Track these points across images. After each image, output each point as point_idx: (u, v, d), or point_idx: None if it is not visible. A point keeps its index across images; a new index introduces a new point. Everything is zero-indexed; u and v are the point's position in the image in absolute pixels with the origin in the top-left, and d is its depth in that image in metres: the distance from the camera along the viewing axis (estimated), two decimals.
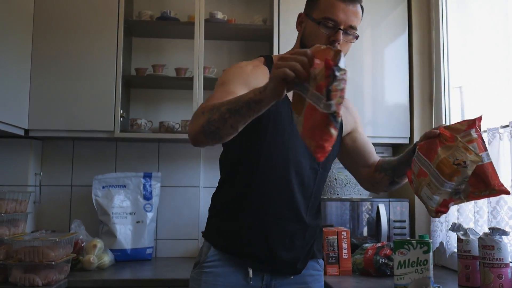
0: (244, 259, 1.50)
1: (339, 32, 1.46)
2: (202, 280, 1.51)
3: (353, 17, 1.48)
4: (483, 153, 1.32)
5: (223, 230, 1.52)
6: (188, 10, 2.73)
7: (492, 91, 2.20)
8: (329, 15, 1.46)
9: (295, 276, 1.55)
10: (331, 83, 1.02)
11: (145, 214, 2.65)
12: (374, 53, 2.69)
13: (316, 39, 1.46)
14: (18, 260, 1.97)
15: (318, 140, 1.03)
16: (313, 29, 1.49)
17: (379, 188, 1.64)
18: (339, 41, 1.46)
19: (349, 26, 1.47)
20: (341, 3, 1.46)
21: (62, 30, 2.53)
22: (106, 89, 2.52)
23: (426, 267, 1.56)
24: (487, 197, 1.39)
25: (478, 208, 2.04)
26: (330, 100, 1.01)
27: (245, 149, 1.51)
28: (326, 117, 1.01)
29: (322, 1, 1.49)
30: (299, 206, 1.51)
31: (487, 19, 2.26)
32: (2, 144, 2.60)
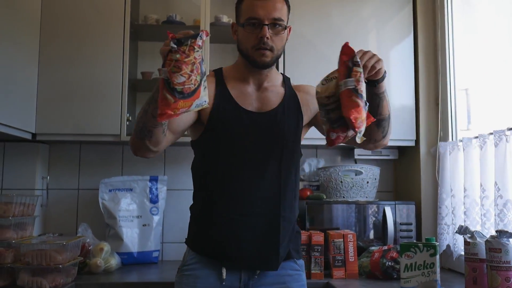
0: (218, 260, 1.56)
1: (264, 27, 1.52)
2: (183, 283, 1.59)
3: (273, 10, 1.53)
4: (342, 81, 1.32)
5: (198, 234, 1.61)
6: (194, 14, 2.75)
7: (498, 93, 2.20)
8: (251, 15, 1.53)
9: (272, 274, 1.58)
10: (167, 52, 1.18)
11: (151, 217, 2.66)
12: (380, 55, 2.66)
13: (247, 41, 1.55)
14: (25, 264, 1.98)
15: (161, 106, 1.19)
16: (243, 33, 1.57)
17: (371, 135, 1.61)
18: (265, 36, 1.52)
19: (273, 19, 1.53)
20: (258, 1, 1.53)
21: (68, 35, 2.54)
22: (112, 93, 2.53)
23: (433, 270, 1.56)
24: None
25: (485, 210, 2.03)
26: (164, 67, 1.18)
27: (205, 157, 1.62)
28: (162, 82, 1.17)
29: (243, 5, 1.57)
30: (265, 201, 1.56)
31: (493, 21, 2.26)
32: (9, 148, 2.62)
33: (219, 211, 1.56)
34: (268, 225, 1.56)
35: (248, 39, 1.55)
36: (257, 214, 1.55)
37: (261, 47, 1.53)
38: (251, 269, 1.57)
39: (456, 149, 2.34)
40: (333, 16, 2.68)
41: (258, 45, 1.53)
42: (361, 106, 1.28)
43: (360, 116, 1.29)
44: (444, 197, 2.41)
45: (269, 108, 1.62)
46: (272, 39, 1.53)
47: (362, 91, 1.29)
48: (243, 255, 1.55)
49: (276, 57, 1.59)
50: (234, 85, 1.63)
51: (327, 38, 2.65)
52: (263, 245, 1.55)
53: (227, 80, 1.64)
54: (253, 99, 1.62)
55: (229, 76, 1.65)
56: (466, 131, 2.43)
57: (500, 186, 1.90)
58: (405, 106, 2.67)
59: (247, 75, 1.63)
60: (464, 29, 2.50)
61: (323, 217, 2.53)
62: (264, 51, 1.54)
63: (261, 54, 1.55)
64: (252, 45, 1.54)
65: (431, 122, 2.65)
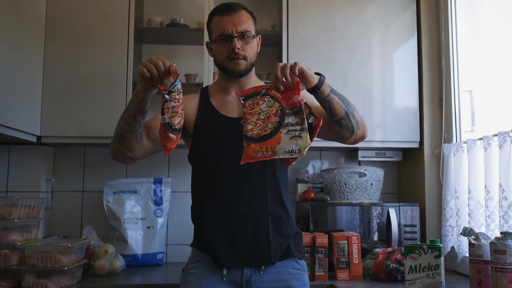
0: (218, 258, 1.65)
1: (234, 39, 1.66)
2: (188, 281, 1.69)
3: (239, 23, 1.67)
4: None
5: (199, 235, 1.72)
6: (198, 16, 2.75)
7: (502, 94, 2.19)
8: (220, 32, 1.68)
9: (273, 271, 1.66)
10: (163, 103, 1.40)
11: (155, 219, 2.66)
12: (383, 57, 2.69)
13: (220, 54, 1.70)
14: (30, 266, 1.99)
15: (162, 141, 1.43)
16: (216, 48, 1.72)
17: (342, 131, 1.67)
18: (236, 47, 1.65)
19: (240, 32, 1.67)
20: (223, 17, 1.68)
21: (73, 38, 2.56)
22: (116, 95, 2.54)
23: (438, 272, 1.55)
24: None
25: (490, 212, 2.03)
26: (163, 115, 1.39)
27: (196, 165, 1.77)
28: (164, 126, 1.40)
29: (212, 25, 1.72)
30: (252, 200, 1.66)
31: (496, 22, 2.25)
32: (14, 150, 2.63)
33: (210, 212, 1.68)
34: (257, 222, 1.65)
35: (221, 52, 1.69)
36: (245, 213, 1.65)
37: (234, 58, 1.67)
38: (246, 266, 1.65)
39: (460, 151, 2.33)
40: (336, 18, 2.68)
41: (231, 55, 1.67)
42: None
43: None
44: (449, 199, 2.40)
45: None
46: (243, 49, 1.67)
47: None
48: (237, 252, 1.64)
49: (250, 64, 1.72)
50: (216, 97, 1.78)
51: (331, 40, 2.66)
52: (255, 241, 1.64)
53: (210, 94, 1.80)
54: (234, 106, 1.75)
55: (212, 90, 1.81)
56: (470, 132, 2.42)
57: (504, 188, 1.90)
58: (409, 108, 2.66)
59: (227, 86, 1.77)
60: (468, 31, 2.50)
61: (327, 219, 2.53)
62: (237, 61, 1.68)
63: (235, 64, 1.68)
64: (225, 56, 1.69)
65: (435, 123, 2.65)
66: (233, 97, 1.76)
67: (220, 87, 1.80)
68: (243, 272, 1.66)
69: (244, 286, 1.66)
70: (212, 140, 1.71)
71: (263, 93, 1.45)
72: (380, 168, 2.69)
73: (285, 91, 1.45)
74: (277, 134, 1.40)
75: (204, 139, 1.72)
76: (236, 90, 1.75)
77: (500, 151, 1.93)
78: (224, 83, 1.78)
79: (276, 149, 1.39)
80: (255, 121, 1.41)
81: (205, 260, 1.69)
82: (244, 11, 1.71)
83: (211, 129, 1.71)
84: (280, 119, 1.41)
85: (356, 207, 2.54)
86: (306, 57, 2.62)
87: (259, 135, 1.40)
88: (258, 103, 1.44)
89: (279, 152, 1.40)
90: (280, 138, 1.40)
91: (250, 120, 1.42)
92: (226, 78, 1.76)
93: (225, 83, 1.77)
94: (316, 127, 1.43)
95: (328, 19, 2.67)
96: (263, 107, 1.43)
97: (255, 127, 1.41)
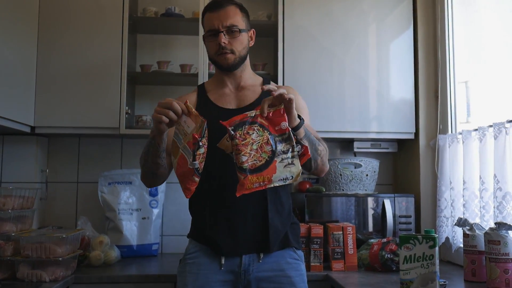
0: (218, 245, 1.67)
1: (220, 34, 1.69)
2: (187, 271, 1.70)
3: (225, 18, 1.70)
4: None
5: (196, 225, 1.76)
6: (193, 6, 2.73)
7: (498, 85, 2.19)
8: (208, 27, 1.73)
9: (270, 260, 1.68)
10: (196, 150, 1.38)
11: (150, 210, 2.66)
12: (379, 49, 2.68)
13: (210, 49, 1.75)
14: (25, 256, 1.99)
15: (186, 184, 1.42)
16: (206, 44, 1.77)
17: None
18: (221, 41, 1.69)
19: (227, 26, 1.70)
20: (211, 13, 1.73)
21: (67, 27, 2.53)
22: (111, 86, 2.52)
23: (432, 262, 1.56)
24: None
25: (484, 203, 2.04)
26: (195, 161, 1.38)
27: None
28: (192, 171, 1.39)
29: (204, 21, 1.78)
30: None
31: (492, 13, 2.25)
32: (8, 141, 2.62)
33: (209, 203, 1.70)
34: (256, 211, 1.67)
35: (211, 47, 1.74)
36: (244, 202, 1.63)
37: (222, 52, 1.71)
38: (245, 253, 1.66)
39: (456, 142, 2.34)
40: (333, 8, 2.66)
41: (219, 50, 1.71)
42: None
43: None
44: (443, 190, 2.41)
45: (247, 103, 1.75)
46: (230, 43, 1.70)
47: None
48: (236, 240, 1.66)
49: (239, 58, 1.74)
50: (214, 91, 1.82)
51: (327, 30, 2.65)
52: (254, 229, 1.67)
53: (207, 90, 1.84)
54: (232, 98, 1.78)
55: (209, 86, 1.85)
56: (466, 123, 2.42)
57: (499, 179, 1.90)
58: (405, 99, 2.66)
59: (222, 79, 1.81)
60: (464, 22, 2.49)
61: (323, 209, 2.53)
62: (225, 55, 1.71)
63: (224, 58, 1.72)
64: (214, 51, 1.73)
65: (430, 114, 2.65)
66: (230, 89, 1.80)
67: (217, 81, 1.84)
68: (241, 261, 1.67)
69: (242, 275, 1.67)
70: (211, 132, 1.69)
71: (250, 122, 1.42)
72: (375, 159, 2.69)
73: (271, 118, 1.43)
74: (272, 164, 1.41)
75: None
76: (231, 83, 1.80)
77: (495, 142, 1.94)
78: (220, 77, 1.82)
79: (272, 178, 1.40)
80: (249, 152, 1.40)
81: (203, 251, 1.70)
82: (232, 6, 1.74)
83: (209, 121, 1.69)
84: (273, 147, 1.41)
85: (352, 198, 2.54)
86: (302, 47, 2.61)
87: (254, 166, 1.40)
88: (249, 133, 1.41)
89: (275, 180, 1.41)
90: (276, 167, 1.41)
91: (244, 152, 1.40)
92: (220, 72, 1.81)
93: (221, 77, 1.81)
94: (302, 156, 1.45)
95: (325, 10, 2.66)
96: (254, 137, 1.41)
97: (249, 158, 1.40)
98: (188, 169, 1.40)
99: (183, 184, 1.43)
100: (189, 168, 1.39)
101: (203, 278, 1.67)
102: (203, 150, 1.40)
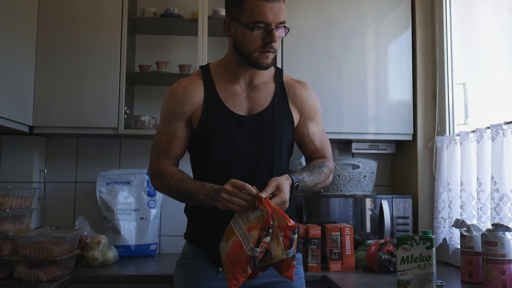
0: (213, 255, 1.56)
1: (273, 33, 1.49)
2: (183, 275, 1.63)
3: (280, 13, 1.50)
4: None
5: (194, 230, 1.66)
6: (192, 7, 2.74)
7: (495, 87, 2.20)
8: (259, 18, 1.48)
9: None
10: (263, 236, 1.28)
11: (149, 210, 2.66)
12: (378, 50, 2.69)
13: (251, 44, 1.51)
14: (23, 256, 1.99)
15: (236, 273, 1.29)
16: (245, 33, 1.51)
17: None
18: (274, 41, 1.50)
19: (279, 23, 1.51)
20: (267, 3, 1.48)
21: (66, 27, 2.53)
22: (110, 86, 2.52)
23: (429, 263, 1.56)
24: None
25: (481, 204, 2.04)
26: (258, 247, 1.27)
27: (197, 160, 1.66)
28: (250, 258, 1.27)
29: (248, 4, 1.49)
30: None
31: (491, 15, 2.25)
32: (6, 141, 2.62)
33: (209, 210, 1.54)
34: None
35: (255, 41, 1.50)
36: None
37: (266, 51, 1.52)
38: None
39: (453, 143, 2.34)
40: (331, 10, 2.67)
41: (263, 48, 1.51)
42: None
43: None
44: (441, 191, 2.42)
45: (259, 109, 1.61)
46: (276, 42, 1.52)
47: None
48: None
49: (275, 57, 1.61)
50: (222, 86, 1.61)
51: (326, 32, 2.65)
52: None
53: (215, 79, 1.62)
54: (243, 99, 1.61)
55: (217, 74, 1.63)
56: (464, 125, 2.43)
57: (496, 180, 1.91)
58: (403, 100, 2.67)
59: (238, 73, 1.61)
60: (462, 24, 2.50)
61: (320, 210, 2.54)
62: (267, 54, 1.53)
63: (265, 57, 1.53)
64: (256, 46, 1.51)
65: (428, 116, 2.65)
66: (241, 87, 1.62)
67: (228, 72, 1.62)
68: None
69: None
70: (220, 140, 1.57)
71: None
72: (373, 160, 2.70)
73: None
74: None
75: (211, 137, 1.58)
76: (245, 79, 1.62)
77: (492, 143, 1.94)
78: (236, 69, 1.61)
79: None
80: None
81: (201, 256, 1.62)
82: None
83: (219, 127, 1.57)
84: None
85: (349, 199, 2.55)
86: (300, 49, 2.62)
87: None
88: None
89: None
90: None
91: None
92: (240, 65, 1.59)
93: (236, 70, 1.61)
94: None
95: (323, 11, 2.67)
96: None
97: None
98: (245, 256, 1.28)
99: (231, 271, 1.30)
100: (246, 254, 1.28)
101: (198, 284, 1.59)
102: (269, 239, 1.29)
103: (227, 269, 1.32)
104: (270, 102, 1.62)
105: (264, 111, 1.61)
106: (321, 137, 1.73)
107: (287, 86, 1.68)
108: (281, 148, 1.63)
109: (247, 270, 1.28)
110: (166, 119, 1.63)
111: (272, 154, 1.60)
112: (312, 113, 1.69)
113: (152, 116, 2.72)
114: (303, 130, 1.69)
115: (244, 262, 1.28)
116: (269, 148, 1.60)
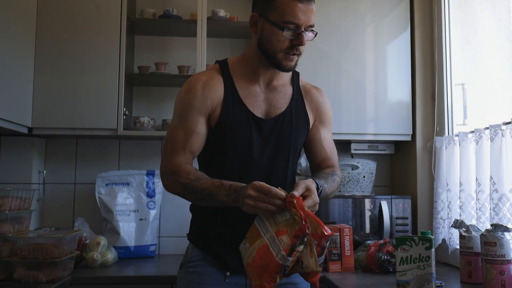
0: (225, 262, 1.53)
1: (302, 35, 1.45)
2: (188, 280, 1.57)
3: (311, 16, 1.46)
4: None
5: (202, 233, 1.58)
6: (191, 8, 2.74)
7: (494, 87, 2.20)
8: (290, 18, 1.43)
9: None
10: (297, 244, 1.18)
11: (148, 211, 2.66)
12: (377, 51, 2.69)
13: (278, 44, 1.46)
14: (22, 257, 1.98)
15: (264, 281, 1.19)
16: (273, 32, 1.46)
17: None
18: (302, 44, 1.46)
19: (309, 26, 1.47)
20: (300, 4, 1.44)
21: (65, 29, 2.53)
22: (109, 87, 2.52)
23: (428, 263, 1.56)
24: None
25: (480, 205, 2.04)
26: (290, 256, 1.17)
27: (210, 158, 1.58)
28: (280, 267, 1.17)
29: (280, 3, 1.44)
30: None
31: (489, 16, 2.26)
32: (6, 142, 2.61)
33: (221, 211, 1.51)
34: None
35: (282, 41, 1.46)
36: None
37: (293, 53, 1.48)
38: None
39: (452, 144, 2.35)
40: (330, 11, 2.67)
41: (290, 50, 1.47)
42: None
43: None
44: (440, 192, 2.42)
45: (277, 113, 1.57)
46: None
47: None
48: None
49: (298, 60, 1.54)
50: (242, 84, 1.56)
51: (324, 33, 2.64)
52: None
53: (234, 76, 1.57)
54: (261, 100, 1.57)
55: (236, 71, 1.58)
56: (462, 125, 2.43)
57: (495, 180, 1.91)
58: (402, 101, 2.67)
59: (258, 72, 1.57)
60: (461, 24, 2.50)
61: (320, 211, 2.54)
62: (293, 56, 1.49)
63: (291, 60, 1.49)
64: (283, 49, 1.47)
65: (427, 116, 2.66)
66: (260, 87, 1.58)
67: (247, 70, 1.57)
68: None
69: (248, 287, 1.54)
70: (237, 141, 1.52)
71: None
72: (372, 161, 2.70)
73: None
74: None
75: (228, 137, 1.52)
76: (265, 79, 1.57)
77: (491, 144, 1.94)
78: (257, 68, 1.56)
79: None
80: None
81: (207, 260, 1.55)
82: (314, 3, 1.49)
83: (238, 128, 1.52)
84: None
85: (349, 200, 2.55)
86: None
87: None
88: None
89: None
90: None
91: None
92: (262, 64, 1.54)
93: (257, 69, 1.56)
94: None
95: (322, 12, 2.67)
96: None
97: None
98: (275, 264, 1.18)
99: (258, 280, 1.21)
100: (277, 262, 1.18)
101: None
102: (302, 248, 1.19)
103: (254, 276, 1.23)
104: (288, 105, 1.59)
105: (282, 114, 1.58)
106: (330, 145, 1.71)
107: (303, 90, 1.66)
108: (296, 152, 1.62)
109: (275, 279, 1.20)
110: (184, 114, 1.53)
111: (287, 159, 1.59)
112: (326, 119, 1.68)
113: (151, 117, 2.72)
114: (316, 134, 1.66)
115: (273, 271, 1.19)
116: (285, 152, 1.58)
